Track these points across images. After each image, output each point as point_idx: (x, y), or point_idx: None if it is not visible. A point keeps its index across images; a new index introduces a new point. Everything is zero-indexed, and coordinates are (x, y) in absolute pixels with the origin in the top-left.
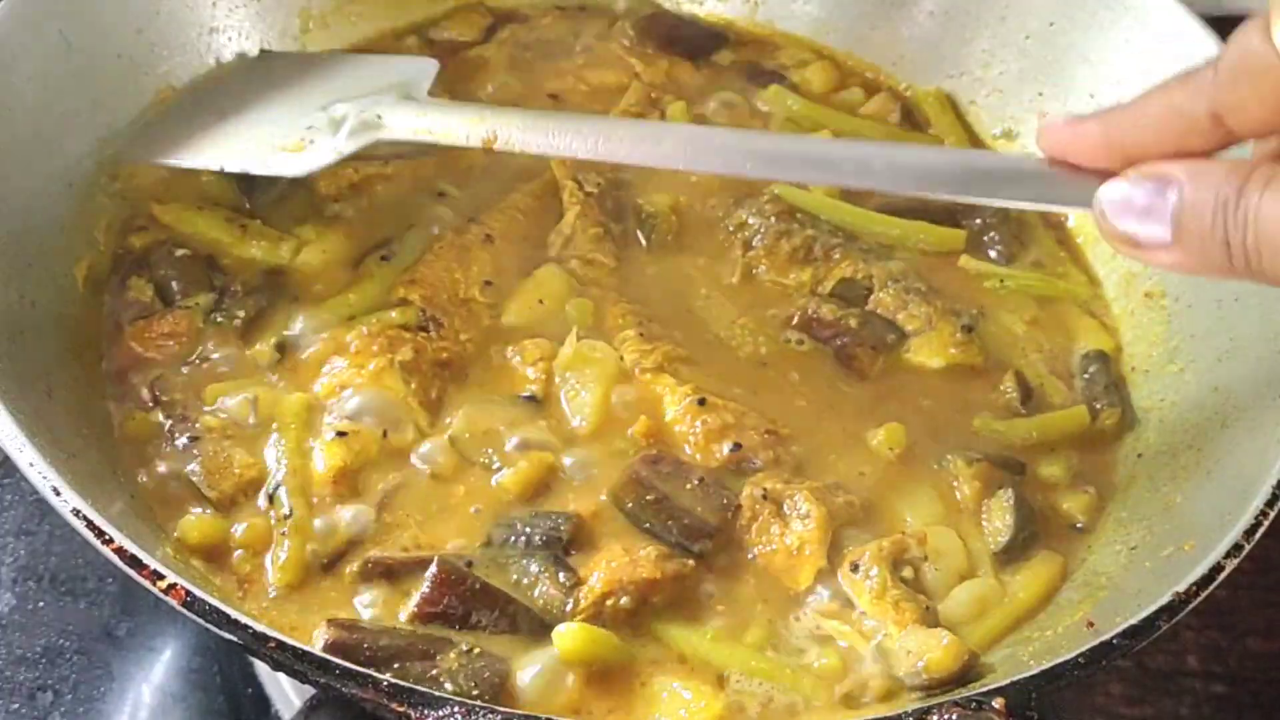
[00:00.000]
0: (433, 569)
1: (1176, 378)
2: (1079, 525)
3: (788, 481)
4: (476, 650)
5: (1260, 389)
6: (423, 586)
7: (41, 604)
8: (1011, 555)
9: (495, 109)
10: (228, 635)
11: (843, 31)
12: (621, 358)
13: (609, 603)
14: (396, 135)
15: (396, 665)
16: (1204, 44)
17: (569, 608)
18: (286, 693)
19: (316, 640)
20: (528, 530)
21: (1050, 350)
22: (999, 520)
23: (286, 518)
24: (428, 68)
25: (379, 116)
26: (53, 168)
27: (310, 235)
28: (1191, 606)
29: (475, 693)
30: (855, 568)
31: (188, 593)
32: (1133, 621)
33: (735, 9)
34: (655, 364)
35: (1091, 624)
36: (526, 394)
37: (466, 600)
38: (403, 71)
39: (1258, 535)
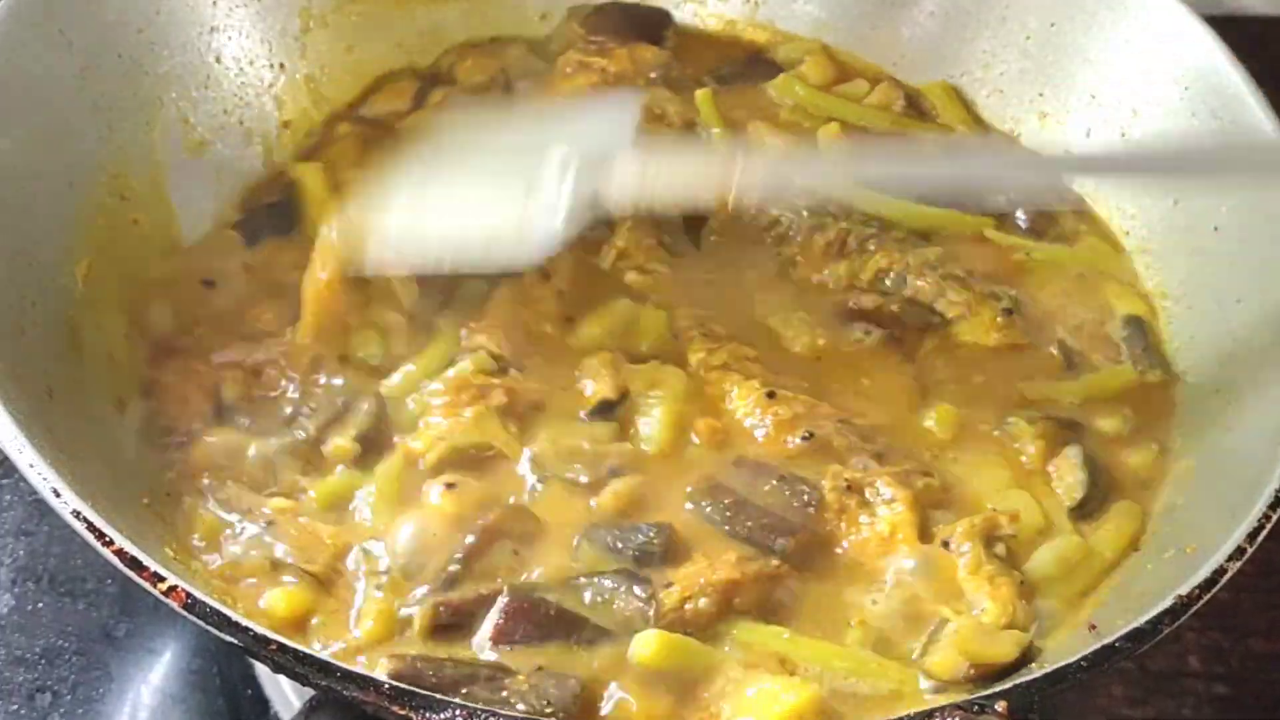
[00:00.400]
0: (504, 599)
1: (1177, 380)
2: (1143, 479)
3: (866, 469)
4: (545, 670)
5: (1262, 392)
6: (495, 617)
7: (40, 605)
8: (1089, 510)
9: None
10: (228, 637)
11: (843, 31)
12: (688, 370)
13: (688, 607)
14: (619, 195)
15: (464, 690)
16: (1204, 44)
17: (650, 618)
18: (286, 695)
19: (380, 673)
20: (619, 544)
21: (1087, 320)
22: (1070, 477)
23: (382, 573)
24: (630, 105)
25: (594, 187)
26: (53, 167)
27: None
28: (1194, 609)
29: (549, 710)
30: (946, 545)
31: (188, 595)
32: (1135, 624)
33: (735, 9)
34: (722, 362)
35: (1094, 626)
36: (600, 405)
37: (542, 626)
38: (602, 117)
39: (1260, 538)
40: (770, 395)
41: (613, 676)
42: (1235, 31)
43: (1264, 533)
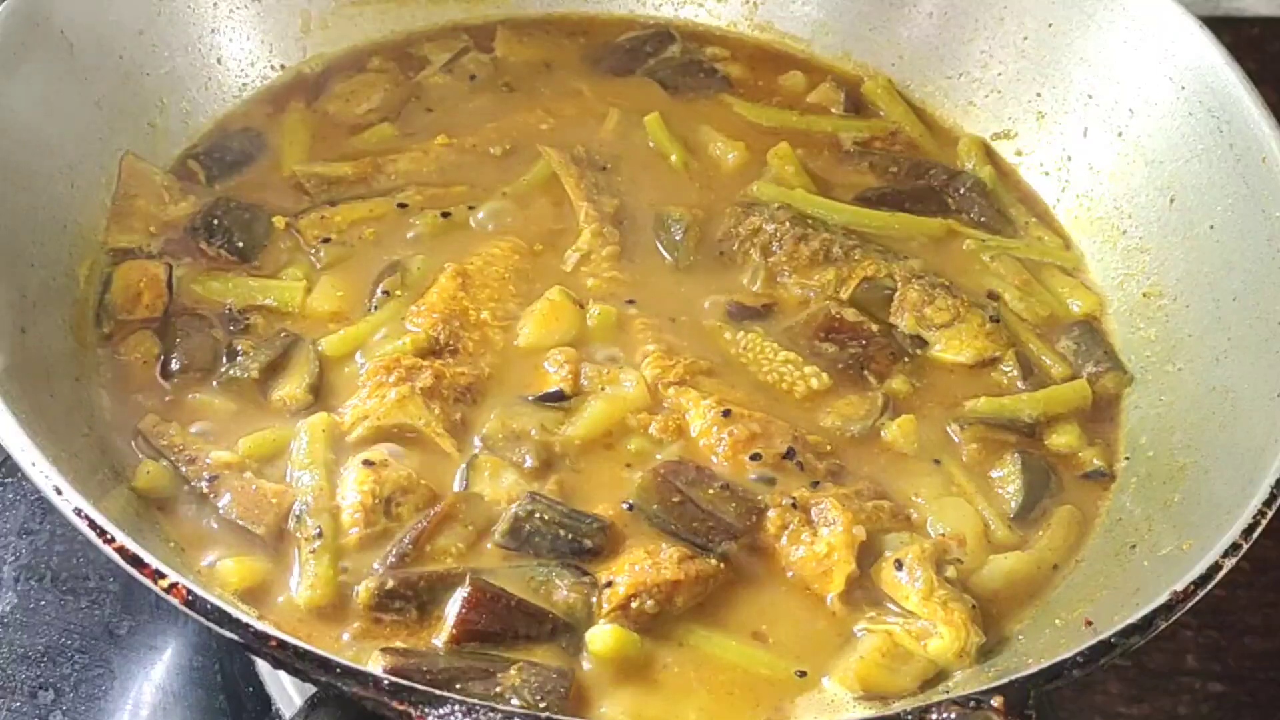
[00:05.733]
0: (465, 590)
1: (1174, 378)
2: (1097, 466)
3: (816, 489)
4: (535, 665)
5: (1258, 389)
6: (457, 608)
7: (43, 603)
8: (1031, 516)
9: None
10: (229, 634)
11: (841, 32)
12: (644, 374)
13: (634, 605)
14: None
15: (458, 686)
16: (1201, 45)
17: (593, 609)
18: (287, 691)
19: (375, 668)
20: (559, 532)
21: (1044, 317)
22: (1011, 485)
23: (316, 538)
24: None
25: None
26: (54, 168)
27: (299, 277)
28: (1189, 605)
29: (542, 705)
30: (900, 565)
31: (189, 591)
32: (1131, 620)
33: (735, 10)
34: (678, 377)
35: (1090, 623)
36: (554, 390)
37: (502, 617)
38: None
39: (1255, 535)
40: (726, 414)
41: (593, 672)
42: (1232, 32)
43: (1259, 529)
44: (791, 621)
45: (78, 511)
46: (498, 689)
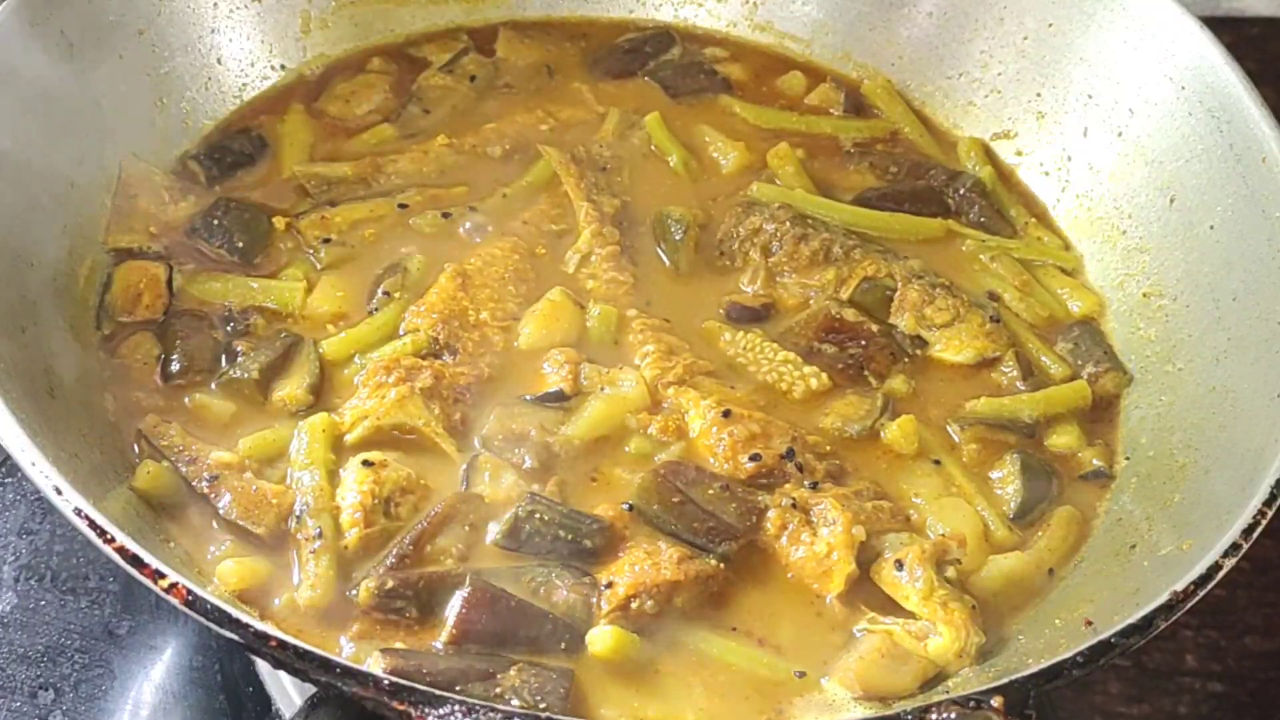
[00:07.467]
0: (465, 591)
1: (1174, 377)
2: (1097, 467)
3: (815, 489)
4: (535, 665)
5: (1258, 389)
6: (457, 608)
7: (43, 603)
8: (1030, 517)
9: None
10: (229, 634)
11: (841, 32)
12: (644, 375)
13: (634, 605)
14: None
15: (458, 687)
16: (1201, 45)
17: (593, 609)
18: (287, 691)
19: (374, 669)
20: (559, 533)
21: (1044, 317)
22: (1010, 485)
23: (316, 538)
24: None
25: None
26: (55, 168)
27: (299, 277)
28: (1189, 606)
29: (542, 705)
30: (900, 565)
31: (189, 591)
32: (1131, 620)
33: (734, 10)
34: (678, 378)
35: (1090, 623)
36: (554, 390)
37: (502, 618)
38: None
39: (1255, 535)
40: (726, 414)
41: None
42: (1232, 32)
43: (1259, 529)
44: (791, 621)
45: (78, 511)
46: (498, 689)
